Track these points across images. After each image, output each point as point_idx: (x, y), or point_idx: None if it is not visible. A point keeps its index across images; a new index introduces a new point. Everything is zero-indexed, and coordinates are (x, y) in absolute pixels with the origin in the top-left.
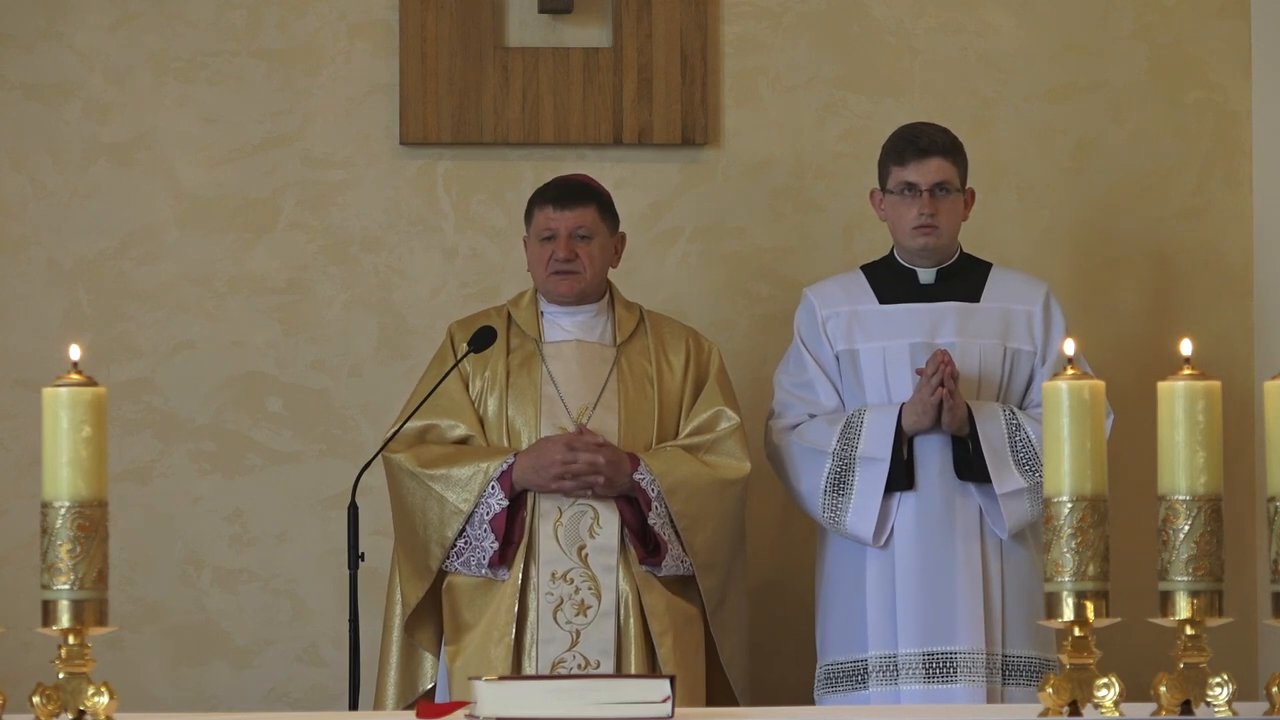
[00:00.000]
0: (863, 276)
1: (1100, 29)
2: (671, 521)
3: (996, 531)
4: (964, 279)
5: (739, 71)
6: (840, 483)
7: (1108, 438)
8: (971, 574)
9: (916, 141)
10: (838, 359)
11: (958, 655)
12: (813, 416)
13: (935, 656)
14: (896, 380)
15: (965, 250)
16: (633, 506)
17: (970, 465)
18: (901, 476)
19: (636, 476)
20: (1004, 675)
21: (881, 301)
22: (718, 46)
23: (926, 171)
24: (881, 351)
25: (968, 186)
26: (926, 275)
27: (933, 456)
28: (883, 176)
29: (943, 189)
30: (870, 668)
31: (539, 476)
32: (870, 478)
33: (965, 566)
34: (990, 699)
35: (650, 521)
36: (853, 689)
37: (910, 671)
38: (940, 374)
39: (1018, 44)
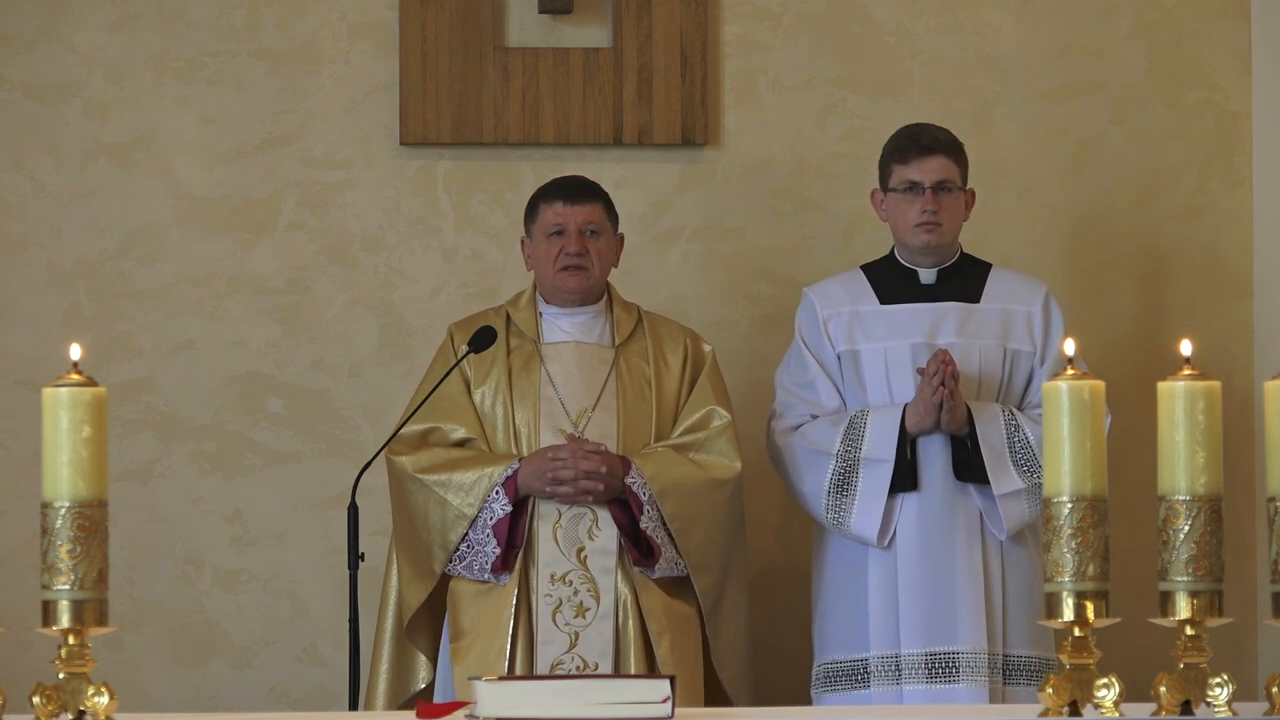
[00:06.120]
0: (863, 276)
1: (1100, 29)
2: (664, 524)
3: (994, 532)
4: (964, 279)
5: (739, 71)
6: (844, 484)
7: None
8: (973, 574)
9: (919, 139)
10: (839, 359)
11: (960, 655)
12: (815, 417)
13: (938, 656)
14: (898, 380)
15: (965, 250)
16: (625, 510)
17: (969, 466)
18: (905, 477)
19: (628, 480)
20: (1005, 675)
21: (882, 302)
22: (718, 46)
23: (930, 169)
24: (883, 352)
25: (968, 187)
26: (927, 275)
27: (935, 457)
28: (884, 176)
29: (945, 187)
30: (872, 667)
31: (539, 482)
32: (875, 478)
33: (967, 567)
34: (992, 699)
35: (643, 525)
36: (853, 688)
37: (913, 671)
38: (941, 373)
39: (1018, 44)
